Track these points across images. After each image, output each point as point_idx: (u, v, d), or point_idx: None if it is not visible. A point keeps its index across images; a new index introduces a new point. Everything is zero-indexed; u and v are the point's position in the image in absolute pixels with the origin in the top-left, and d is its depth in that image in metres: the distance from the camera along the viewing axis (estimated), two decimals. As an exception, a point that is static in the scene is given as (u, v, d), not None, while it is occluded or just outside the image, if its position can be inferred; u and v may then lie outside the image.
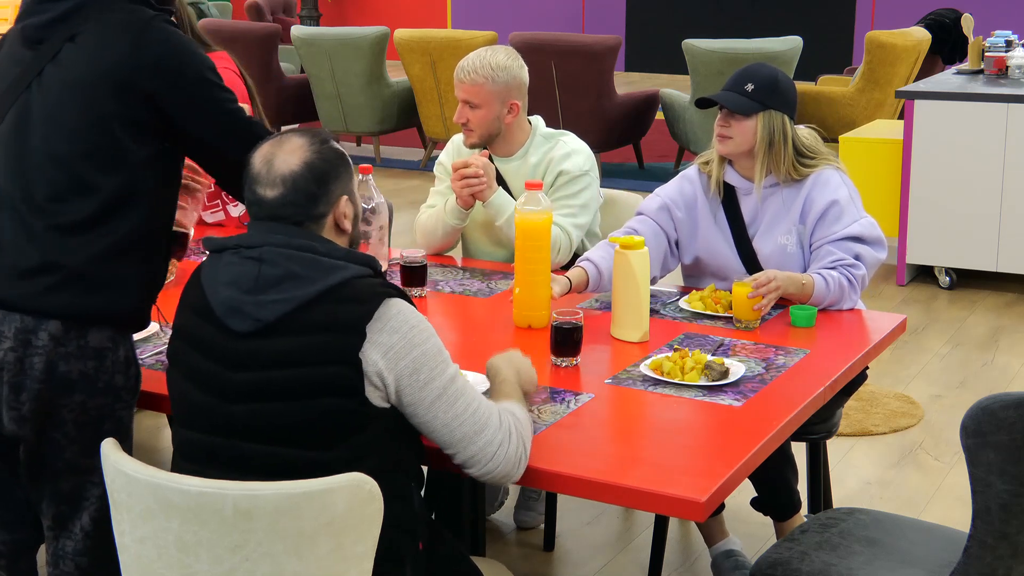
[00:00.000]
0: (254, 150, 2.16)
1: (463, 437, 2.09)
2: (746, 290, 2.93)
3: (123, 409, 2.47)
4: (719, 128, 3.23)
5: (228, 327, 2.07)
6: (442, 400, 2.07)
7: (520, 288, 2.95)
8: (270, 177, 2.11)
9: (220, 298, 2.08)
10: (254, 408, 2.05)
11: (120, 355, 2.43)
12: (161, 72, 2.37)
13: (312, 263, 2.06)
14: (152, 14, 2.42)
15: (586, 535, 3.69)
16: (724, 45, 8.30)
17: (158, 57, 2.37)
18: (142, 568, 1.98)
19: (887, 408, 4.58)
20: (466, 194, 3.43)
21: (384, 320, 2.03)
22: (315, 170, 2.12)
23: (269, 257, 2.07)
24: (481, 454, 2.10)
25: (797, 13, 13.64)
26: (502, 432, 2.11)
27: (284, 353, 2.03)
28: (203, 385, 2.10)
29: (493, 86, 3.42)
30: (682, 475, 2.16)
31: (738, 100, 3.20)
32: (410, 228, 3.91)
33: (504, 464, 2.12)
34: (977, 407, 2.14)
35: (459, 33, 9.06)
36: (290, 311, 2.03)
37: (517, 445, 2.13)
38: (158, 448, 4.26)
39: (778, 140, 3.19)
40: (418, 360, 2.04)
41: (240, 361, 2.06)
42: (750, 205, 3.27)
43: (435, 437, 2.11)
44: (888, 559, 2.47)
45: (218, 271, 2.11)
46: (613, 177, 8.84)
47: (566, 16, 15.22)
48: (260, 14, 14.15)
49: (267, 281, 2.05)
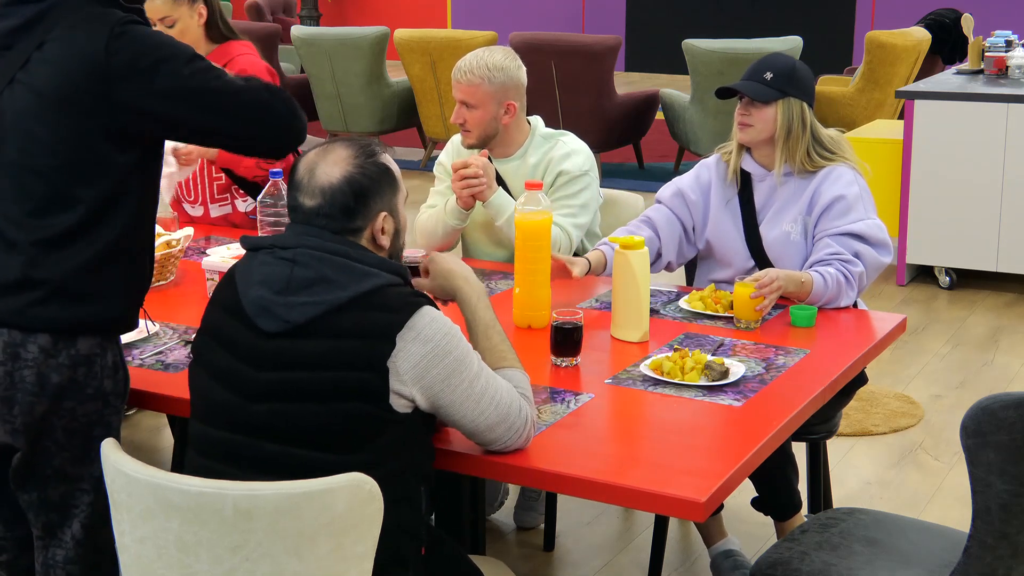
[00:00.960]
0: (301, 156, 2.17)
1: (488, 427, 2.16)
2: (748, 290, 2.93)
3: (112, 415, 2.45)
4: (740, 117, 3.27)
5: (257, 326, 2.08)
6: (471, 398, 2.12)
7: (520, 288, 2.95)
8: (310, 187, 2.13)
9: (251, 297, 2.09)
10: (276, 408, 2.06)
11: (108, 360, 2.41)
12: (136, 77, 2.31)
13: (345, 268, 2.08)
14: (120, 16, 2.35)
15: (586, 535, 3.69)
16: (724, 45, 8.30)
17: (130, 64, 2.30)
18: (142, 568, 1.98)
19: (887, 408, 4.58)
20: (466, 195, 3.43)
21: (417, 330, 2.05)
22: (355, 184, 2.13)
23: (303, 259, 2.08)
24: (504, 436, 2.18)
25: (797, 13, 13.64)
26: (521, 417, 2.19)
27: (311, 355, 2.04)
28: (227, 382, 2.10)
29: (489, 86, 3.42)
30: (682, 475, 2.16)
31: (757, 88, 3.22)
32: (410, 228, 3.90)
33: (521, 439, 2.21)
34: (977, 407, 2.14)
35: (459, 33, 9.06)
36: (319, 315, 2.05)
37: (528, 418, 2.21)
38: (158, 448, 4.26)
39: (796, 128, 3.23)
40: (450, 366, 2.08)
41: (266, 360, 2.07)
42: (763, 192, 3.31)
43: (462, 428, 2.17)
44: (888, 559, 2.47)
45: (252, 270, 2.12)
46: (613, 177, 8.84)
47: (566, 16, 15.21)
48: (260, 14, 14.15)
49: (298, 283, 2.07)
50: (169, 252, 3.30)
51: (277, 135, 2.46)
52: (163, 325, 2.94)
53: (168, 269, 3.33)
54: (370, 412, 2.04)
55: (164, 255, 3.28)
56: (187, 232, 3.41)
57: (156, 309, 3.09)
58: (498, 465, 2.24)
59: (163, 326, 2.94)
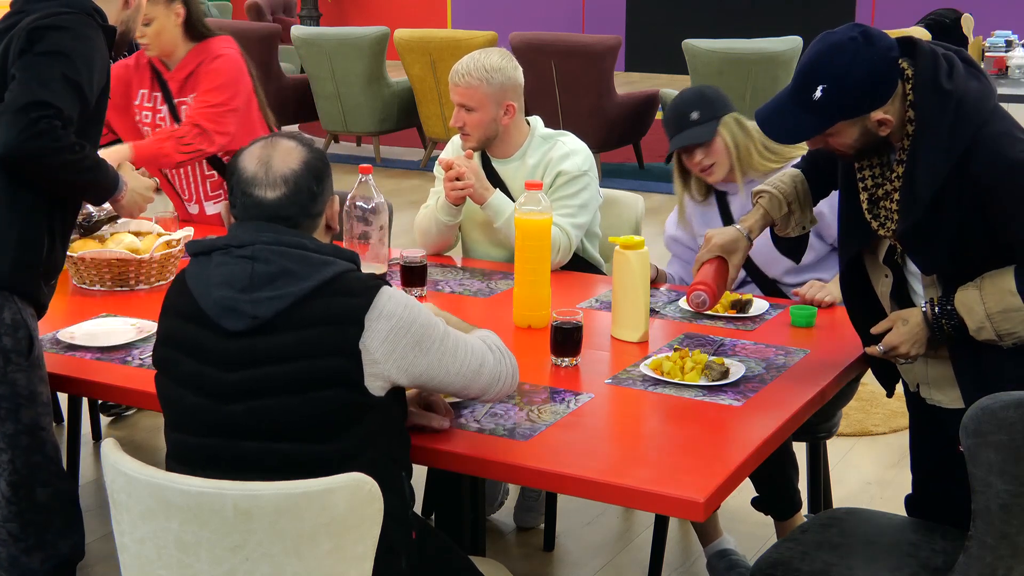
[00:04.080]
0: (240, 152, 2.18)
1: (474, 373, 2.22)
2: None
3: (16, 372, 2.51)
4: (697, 169, 3.33)
5: (221, 327, 2.07)
6: (446, 355, 2.17)
7: (520, 288, 2.95)
8: (270, 178, 2.13)
9: (213, 299, 2.09)
10: (253, 406, 2.06)
11: (6, 318, 2.49)
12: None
13: (303, 259, 2.09)
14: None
15: (586, 535, 3.69)
16: (724, 45, 8.30)
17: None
18: (142, 568, 1.98)
19: (887, 408, 4.58)
20: (452, 196, 3.45)
21: (379, 308, 2.08)
22: (313, 169, 2.16)
23: (261, 255, 2.09)
24: (492, 379, 2.26)
25: (797, 13, 13.64)
26: (493, 355, 2.27)
27: (282, 348, 2.05)
28: (197, 388, 2.10)
29: (488, 88, 3.42)
30: (682, 475, 2.16)
31: (698, 132, 3.28)
32: (410, 228, 3.91)
33: (509, 378, 2.30)
34: (977, 407, 2.14)
35: (459, 33, 9.06)
36: (286, 307, 2.06)
37: (507, 358, 2.30)
38: (158, 448, 4.26)
39: (742, 138, 3.29)
40: (418, 332, 2.12)
41: (234, 361, 2.07)
42: (738, 204, 3.37)
43: (449, 387, 2.21)
44: (888, 559, 2.47)
45: (209, 272, 2.12)
46: (613, 177, 8.84)
47: (566, 16, 15.22)
48: (260, 14, 14.16)
49: (261, 279, 2.07)
50: (169, 252, 3.30)
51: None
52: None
53: (168, 269, 3.33)
54: (347, 397, 2.05)
55: (164, 255, 3.29)
56: (187, 232, 3.41)
57: (156, 309, 3.06)
58: (498, 465, 2.24)
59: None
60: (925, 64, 2.41)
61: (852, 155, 2.51)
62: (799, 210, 2.78)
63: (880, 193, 2.53)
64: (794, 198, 2.77)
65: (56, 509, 2.65)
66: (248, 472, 2.02)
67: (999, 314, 2.40)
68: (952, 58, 2.43)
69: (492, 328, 2.43)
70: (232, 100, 3.71)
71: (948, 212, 2.40)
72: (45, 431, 2.62)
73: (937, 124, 2.38)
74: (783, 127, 2.49)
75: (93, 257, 3.23)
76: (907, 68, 2.43)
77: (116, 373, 2.67)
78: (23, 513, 2.52)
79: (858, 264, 2.67)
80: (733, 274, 2.74)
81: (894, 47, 2.42)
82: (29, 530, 2.57)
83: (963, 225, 2.41)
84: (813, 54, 2.43)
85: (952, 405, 2.58)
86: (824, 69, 2.40)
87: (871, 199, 2.55)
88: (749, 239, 2.75)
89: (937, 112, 2.38)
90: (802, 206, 2.78)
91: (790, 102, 2.46)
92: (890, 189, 2.50)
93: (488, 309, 3.15)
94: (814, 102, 2.40)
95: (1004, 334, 2.42)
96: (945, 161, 2.37)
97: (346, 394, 2.05)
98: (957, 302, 2.45)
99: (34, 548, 2.61)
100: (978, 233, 2.41)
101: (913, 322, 2.52)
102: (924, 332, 2.51)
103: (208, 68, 3.71)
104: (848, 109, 2.41)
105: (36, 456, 2.61)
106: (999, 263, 2.43)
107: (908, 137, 2.43)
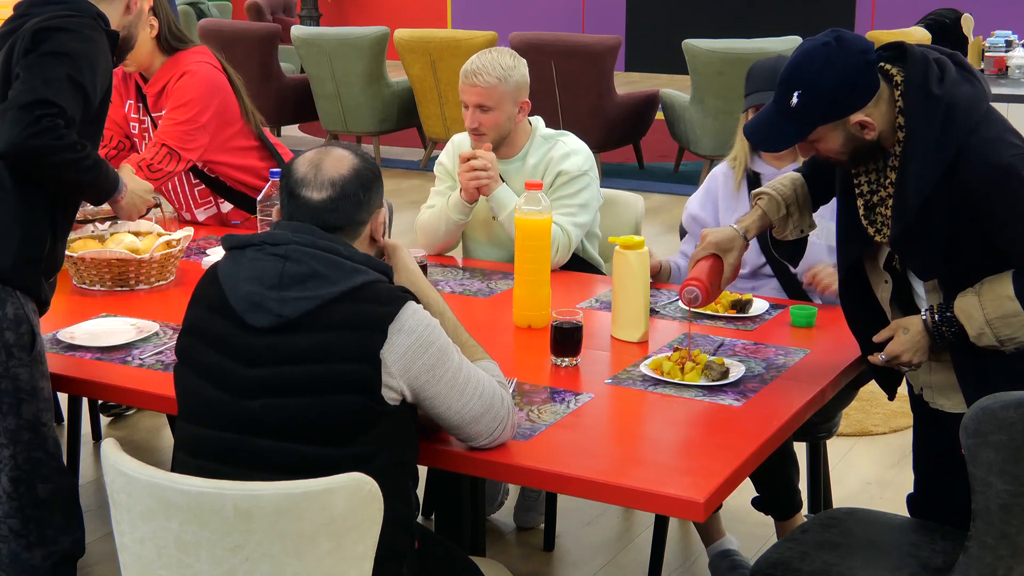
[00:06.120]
0: (294, 160, 2.21)
1: (474, 417, 2.19)
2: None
3: (18, 367, 2.52)
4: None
5: (246, 322, 2.09)
6: (455, 388, 2.15)
7: (520, 288, 2.95)
8: (318, 180, 2.16)
9: (241, 293, 2.10)
10: (270, 403, 2.06)
11: (9, 312, 2.50)
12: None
13: (334, 264, 2.10)
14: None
15: (586, 535, 3.69)
16: (724, 45, 8.30)
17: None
18: (142, 568, 1.98)
19: (887, 408, 4.58)
20: (472, 186, 3.43)
21: (401, 321, 2.08)
22: (362, 177, 2.19)
23: (294, 255, 2.10)
24: (489, 427, 2.21)
25: (797, 13, 13.64)
26: (504, 407, 2.22)
27: (304, 349, 2.06)
28: (217, 381, 2.11)
29: (506, 87, 3.42)
30: (682, 475, 2.16)
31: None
32: (410, 228, 3.91)
33: (505, 431, 2.24)
34: (977, 407, 2.14)
35: (459, 33, 9.06)
36: (312, 309, 2.07)
37: (510, 407, 2.25)
38: (158, 448, 4.27)
39: None
40: (434, 356, 2.11)
41: (257, 356, 2.08)
42: None
43: (447, 421, 2.18)
44: (888, 559, 2.47)
45: (240, 267, 2.13)
46: (613, 177, 8.84)
47: (566, 16, 15.22)
48: (260, 14, 14.17)
49: (291, 278, 2.08)
50: (169, 252, 3.30)
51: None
52: (163, 325, 2.94)
53: (168, 269, 3.33)
54: (363, 404, 2.06)
55: (164, 255, 3.29)
56: (187, 232, 3.41)
57: (156, 309, 3.09)
58: (498, 465, 2.24)
59: (163, 326, 2.94)
60: (915, 70, 2.40)
61: (846, 161, 2.51)
62: (798, 213, 2.78)
63: (875, 199, 2.53)
64: (793, 201, 2.76)
65: (57, 505, 2.65)
66: (259, 470, 2.03)
67: (998, 320, 2.40)
68: (944, 62, 2.42)
69: (492, 328, 2.43)
70: (199, 117, 3.68)
71: (939, 217, 2.40)
72: (46, 427, 2.63)
73: (926, 130, 2.38)
74: (767, 136, 2.51)
75: (93, 257, 3.24)
76: (896, 74, 2.43)
77: (116, 373, 2.67)
78: (24, 509, 2.53)
79: (858, 271, 2.67)
80: (728, 273, 2.74)
81: (869, 50, 2.42)
82: (30, 526, 2.58)
83: (956, 230, 2.41)
84: (790, 62, 2.44)
85: (955, 410, 2.58)
86: (798, 75, 2.41)
87: (867, 205, 2.55)
88: (745, 239, 2.75)
89: (926, 118, 2.38)
90: (801, 210, 2.78)
91: (773, 111, 2.47)
92: (884, 195, 2.50)
93: (488, 309, 3.15)
94: (791, 109, 2.41)
95: (1005, 339, 2.42)
96: (935, 167, 2.37)
97: (363, 400, 2.06)
98: (956, 309, 2.45)
99: (35, 544, 2.61)
100: (971, 238, 2.41)
101: (914, 330, 2.52)
102: (925, 340, 2.51)
103: (175, 86, 3.69)
104: (825, 114, 2.41)
105: (37, 452, 2.61)
106: (996, 267, 2.43)
107: (899, 143, 2.44)
